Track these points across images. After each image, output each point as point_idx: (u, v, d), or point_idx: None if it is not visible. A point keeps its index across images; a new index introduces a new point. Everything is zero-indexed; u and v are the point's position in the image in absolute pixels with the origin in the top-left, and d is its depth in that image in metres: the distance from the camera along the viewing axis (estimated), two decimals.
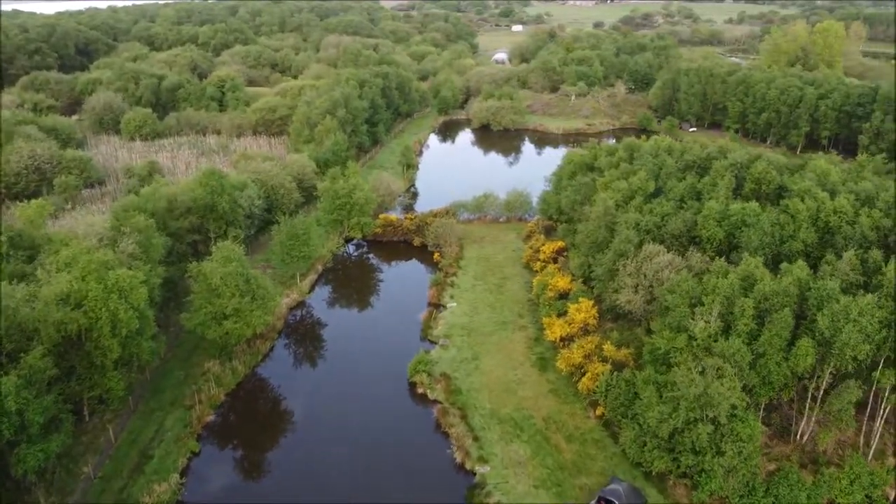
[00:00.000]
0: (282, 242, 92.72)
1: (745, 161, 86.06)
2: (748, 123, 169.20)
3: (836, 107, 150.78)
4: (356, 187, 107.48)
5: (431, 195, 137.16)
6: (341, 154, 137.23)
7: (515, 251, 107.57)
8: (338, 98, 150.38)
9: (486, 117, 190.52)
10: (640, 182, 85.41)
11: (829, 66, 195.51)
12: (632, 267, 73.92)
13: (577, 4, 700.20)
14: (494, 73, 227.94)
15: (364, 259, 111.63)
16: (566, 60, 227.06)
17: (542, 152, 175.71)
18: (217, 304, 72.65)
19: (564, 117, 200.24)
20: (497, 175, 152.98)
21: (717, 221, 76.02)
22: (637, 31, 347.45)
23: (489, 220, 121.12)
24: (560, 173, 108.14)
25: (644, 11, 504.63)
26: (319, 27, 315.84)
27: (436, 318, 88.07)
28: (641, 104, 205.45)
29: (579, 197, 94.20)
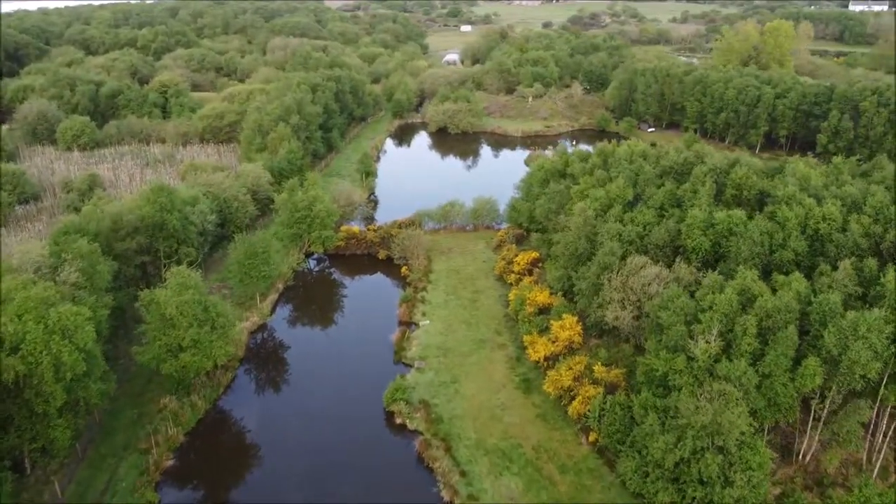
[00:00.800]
0: (239, 262, 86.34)
1: (724, 166, 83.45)
2: (706, 123, 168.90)
3: (793, 106, 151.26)
4: (316, 199, 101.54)
5: (393, 204, 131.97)
6: (297, 162, 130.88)
7: (486, 262, 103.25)
8: (290, 104, 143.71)
9: (444, 120, 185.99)
10: (619, 190, 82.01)
11: (780, 65, 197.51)
12: (617, 281, 70.29)
13: (523, 4, 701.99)
14: (448, 74, 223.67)
15: (327, 275, 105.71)
16: (521, 61, 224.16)
17: (502, 155, 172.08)
18: (173, 336, 66.23)
19: (522, 119, 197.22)
20: (459, 180, 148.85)
21: (702, 231, 73.07)
22: (587, 31, 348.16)
23: (456, 229, 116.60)
24: (530, 180, 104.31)
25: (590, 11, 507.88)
26: (265, 29, 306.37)
27: (409, 337, 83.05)
28: (598, 105, 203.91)
29: (553, 205, 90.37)
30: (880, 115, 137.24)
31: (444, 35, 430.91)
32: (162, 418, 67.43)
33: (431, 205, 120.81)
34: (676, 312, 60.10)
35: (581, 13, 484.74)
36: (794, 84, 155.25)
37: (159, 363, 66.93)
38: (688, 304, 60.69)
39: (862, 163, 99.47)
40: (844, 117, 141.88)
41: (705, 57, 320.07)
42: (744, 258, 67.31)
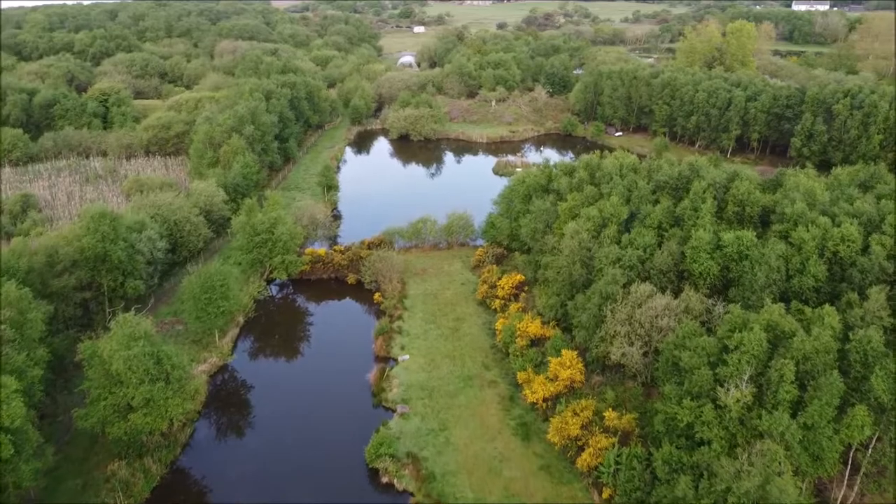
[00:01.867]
0: (195, 297, 77.03)
1: (724, 181, 77.81)
2: (676, 127, 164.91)
3: (765, 109, 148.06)
4: (277, 221, 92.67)
5: (359, 220, 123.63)
6: (252, 177, 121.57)
7: (465, 284, 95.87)
8: (243, 113, 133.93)
9: (405, 127, 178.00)
10: (613, 208, 75.59)
11: (742, 66, 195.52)
12: (623, 313, 63.75)
13: (474, 4, 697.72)
14: (407, 78, 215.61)
15: (292, 303, 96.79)
16: (482, 64, 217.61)
17: (469, 163, 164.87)
18: (120, 395, 57.14)
19: (486, 124, 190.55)
20: (425, 191, 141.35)
21: (709, 254, 67.16)
22: (542, 32, 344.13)
23: (429, 247, 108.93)
24: (509, 195, 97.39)
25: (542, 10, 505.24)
26: (212, 32, 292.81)
27: (388, 376, 75.08)
28: (563, 108, 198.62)
29: (540, 225, 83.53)
30: (854, 117, 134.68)
31: (397, 36, 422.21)
32: (110, 489, 58.17)
33: (399, 219, 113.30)
34: (698, 353, 53.71)
35: (534, 13, 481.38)
36: (765, 87, 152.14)
37: (105, 426, 57.75)
38: (709, 343, 54.36)
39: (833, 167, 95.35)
40: (818, 120, 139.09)
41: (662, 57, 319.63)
42: (760, 286, 61.48)
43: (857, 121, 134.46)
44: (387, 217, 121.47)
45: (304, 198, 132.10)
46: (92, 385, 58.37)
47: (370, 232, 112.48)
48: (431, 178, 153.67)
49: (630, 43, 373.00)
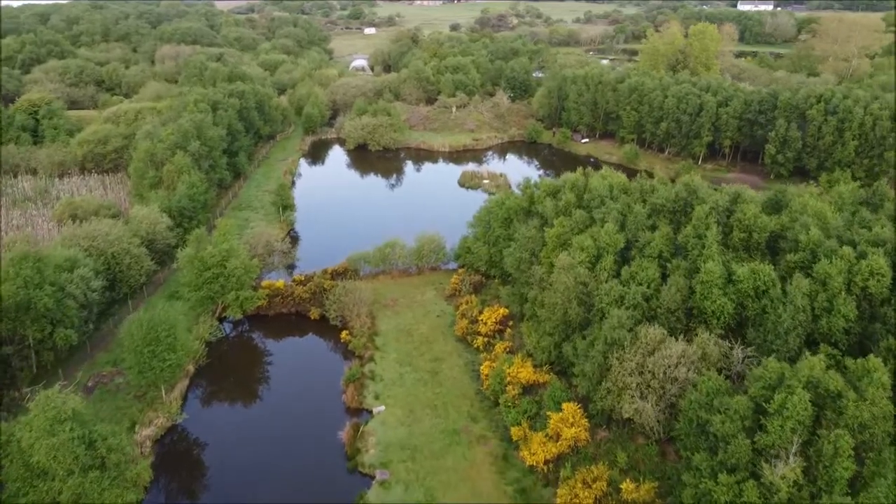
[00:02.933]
0: (136, 350, 66.71)
1: (726, 203, 71.15)
2: (645, 133, 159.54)
3: (736, 115, 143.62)
4: (230, 253, 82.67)
5: (319, 243, 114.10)
6: (200, 198, 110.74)
7: (441, 317, 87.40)
8: (188, 128, 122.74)
9: (363, 136, 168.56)
10: (609, 237, 68.19)
11: (706, 69, 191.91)
12: (632, 363, 56.28)
13: (424, 4, 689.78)
14: (362, 84, 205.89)
15: (249, 344, 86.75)
16: (440, 69, 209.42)
17: (432, 174, 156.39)
18: (44, 490, 47.01)
19: (448, 132, 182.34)
20: (389, 207, 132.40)
21: (722, 289, 60.28)
22: (497, 33, 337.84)
23: (398, 273, 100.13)
24: (487, 217, 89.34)
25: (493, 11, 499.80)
26: (152, 36, 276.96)
27: (362, 434, 66.17)
28: (526, 114, 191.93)
29: (525, 254, 75.68)
30: (828, 123, 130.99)
31: (348, 38, 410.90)
32: None
33: (362, 241, 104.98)
34: (731, 417, 46.50)
35: (485, 14, 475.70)
36: (736, 92, 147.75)
37: None
38: (742, 403, 47.20)
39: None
40: (791, 126, 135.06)
41: (618, 58, 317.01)
42: (785, 328, 54.73)
43: (831, 127, 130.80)
44: (348, 238, 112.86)
45: (258, 218, 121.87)
46: (8, 478, 48.11)
47: (331, 255, 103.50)
48: (393, 191, 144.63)
49: (585, 44, 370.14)
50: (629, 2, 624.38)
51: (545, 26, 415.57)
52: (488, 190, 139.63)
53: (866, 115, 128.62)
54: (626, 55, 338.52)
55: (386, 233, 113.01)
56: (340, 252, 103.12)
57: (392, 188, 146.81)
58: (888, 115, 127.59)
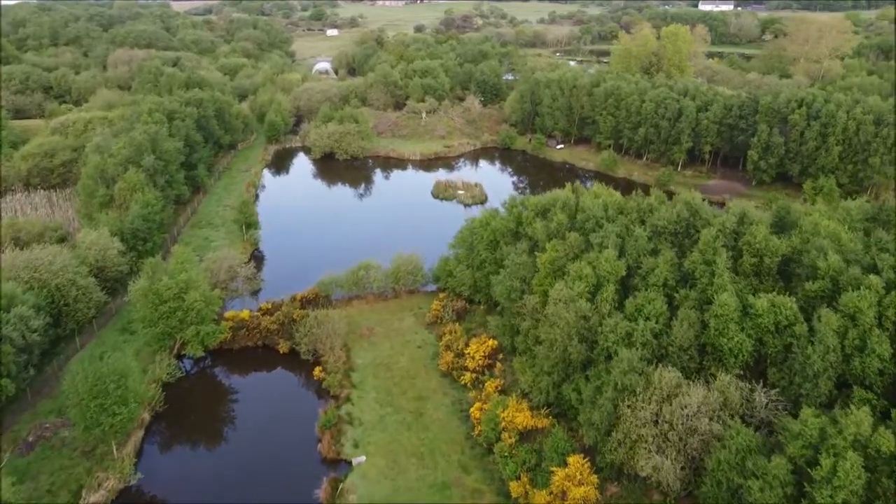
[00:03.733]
0: (82, 404, 58.64)
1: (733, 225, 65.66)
2: (622, 139, 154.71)
3: (717, 120, 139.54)
4: (189, 285, 74.75)
5: (286, 264, 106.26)
6: (155, 218, 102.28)
7: (422, 348, 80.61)
8: (141, 141, 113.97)
9: (329, 145, 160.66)
10: (609, 264, 62.16)
11: (680, 71, 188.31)
12: (647, 412, 50.27)
13: (386, 4, 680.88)
14: (327, 89, 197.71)
15: (211, 383, 78.79)
16: (408, 72, 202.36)
17: (404, 184, 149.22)
18: None
19: (418, 139, 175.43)
20: (359, 221, 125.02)
21: (738, 324, 54.68)
22: (463, 34, 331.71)
23: (372, 298, 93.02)
24: (470, 239, 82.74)
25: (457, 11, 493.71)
26: (104, 39, 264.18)
27: (341, 491, 59.12)
28: (498, 119, 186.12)
29: (516, 283, 69.33)
30: (811, 128, 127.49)
31: (310, 40, 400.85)
32: None
33: (332, 260, 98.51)
34: (770, 483, 40.70)
35: (449, 14, 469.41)
36: (715, 96, 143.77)
37: None
38: (781, 467, 41.44)
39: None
40: (774, 131, 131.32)
41: (586, 60, 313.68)
42: (816, 371, 49.25)
43: (814, 132, 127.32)
44: (318, 257, 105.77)
45: (219, 237, 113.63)
46: None
47: (300, 278, 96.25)
48: (364, 204, 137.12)
49: (551, 45, 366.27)
50: (592, 2, 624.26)
51: (510, 27, 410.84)
52: (464, 201, 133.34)
53: (849, 120, 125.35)
54: (594, 56, 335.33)
55: (357, 250, 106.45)
56: (310, 273, 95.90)
57: (362, 200, 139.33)
58: (871, 119, 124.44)
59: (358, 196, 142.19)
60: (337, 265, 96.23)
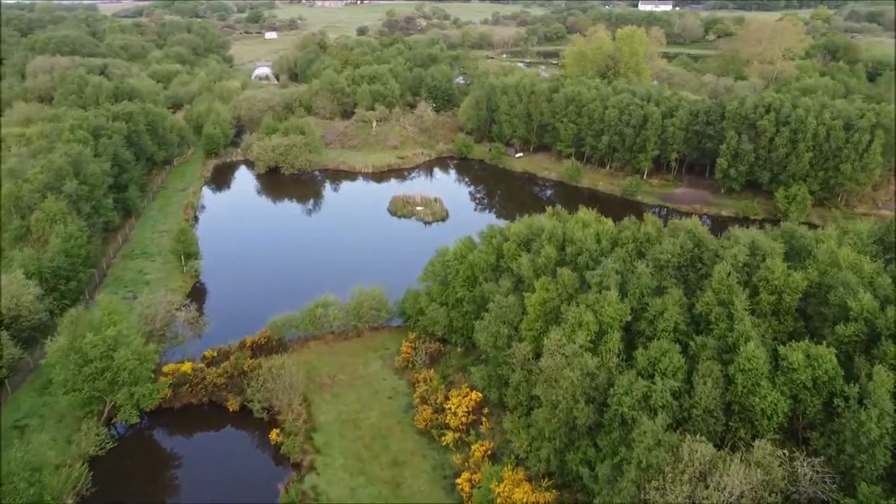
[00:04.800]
0: None
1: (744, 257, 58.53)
2: (585, 147, 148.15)
3: (683, 126, 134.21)
4: (119, 340, 63.64)
5: (231, 298, 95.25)
6: (79, 253, 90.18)
7: (393, 398, 71.30)
8: (62, 164, 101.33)
9: (275, 158, 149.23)
10: (613, 309, 54.21)
11: (637, 74, 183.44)
12: (679, 495, 42.35)
13: (325, 5, 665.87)
14: (269, 97, 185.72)
15: (148, 450, 67.57)
16: (355, 78, 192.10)
17: (357, 200, 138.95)
18: None
19: (369, 149, 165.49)
20: (312, 243, 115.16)
21: (770, 379, 47.43)
22: (408, 36, 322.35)
23: (332, 337, 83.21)
24: (443, 273, 73.76)
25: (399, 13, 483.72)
26: (22, 46, 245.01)
27: None
28: (453, 127, 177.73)
29: (504, 329, 60.80)
30: (781, 135, 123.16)
31: (248, 44, 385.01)
32: None
33: (284, 291, 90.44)
34: None
35: (391, 15, 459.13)
36: (680, 102, 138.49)
37: None
38: None
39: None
40: (743, 138, 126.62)
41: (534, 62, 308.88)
42: (871, 440, 42.20)
43: (784, 138, 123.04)
44: (267, 289, 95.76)
45: (155, 269, 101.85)
46: None
47: (249, 315, 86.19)
48: (315, 224, 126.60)
49: (498, 46, 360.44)
50: (534, 2, 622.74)
51: (455, 28, 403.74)
52: (423, 218, 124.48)
53: (819, 126, 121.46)
54: (542, 57, 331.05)
55: (311, 279, 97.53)
56: (260, 309, 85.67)
57: (313, 220, 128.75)
58: (840, 125, 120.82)
59: (308, 215, 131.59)
60: (289, 298, 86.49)
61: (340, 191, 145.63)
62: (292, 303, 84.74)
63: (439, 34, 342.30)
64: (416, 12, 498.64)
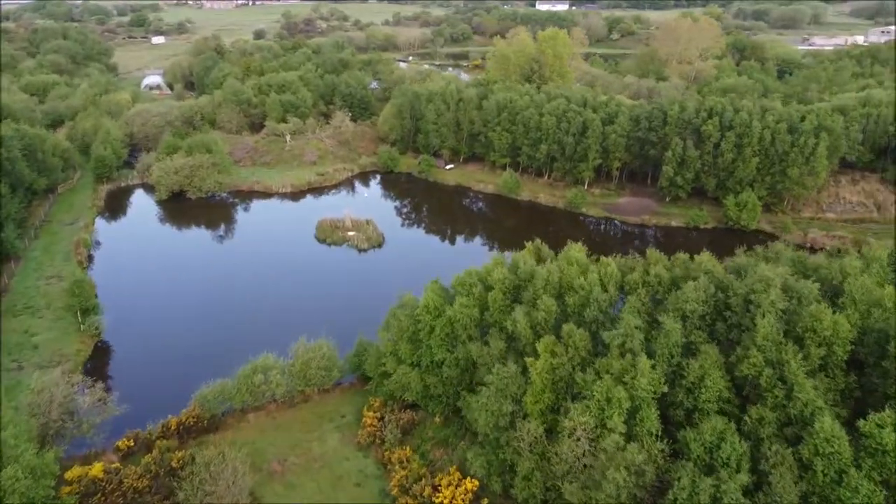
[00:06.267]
0: None
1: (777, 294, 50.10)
2: (521, 157, 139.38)
3: (624, 133, 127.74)
4: (4, 454, 48.26)
5: (144, 362, 79.28)
6: None
7: (362, 486, 58.76)
8: None
9: (178, 182, 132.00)
10: (648, 381, 44.36)
11: (561, 77, 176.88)
12: None
13: (214, 7, 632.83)
14: (166, 111, 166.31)
15: None
16: (262, 87, 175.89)
17: (278, 226, 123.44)
18: None
19: (285, 166, 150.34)
20: (233, 280, 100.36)
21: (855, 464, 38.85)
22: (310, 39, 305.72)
23: (275, 407, 69.76)
24: (412, 327, 61.73)
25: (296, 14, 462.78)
26: None
27: None
28: (374, 137, 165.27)
29: (507, 406, 49.78)
30: (727, 139, 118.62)
31: (132, 50, 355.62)
32: None
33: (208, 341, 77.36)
34: None
35: (287, 17, 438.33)
36: (619, 107, 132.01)
37: None
38: None
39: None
40: (688, 144, 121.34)
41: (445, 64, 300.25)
42: None
43: (730, 143, 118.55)
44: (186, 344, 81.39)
45: (43, 328, 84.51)
46: None
47: (169, 385, 72.16)
48: (233, 257, 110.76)
49: (404, 48, 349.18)
50: (433, 2, 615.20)
51: (357, 30, 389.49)
52: (357, 245, 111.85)
53: (764, 129, 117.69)
54: (451, 59, 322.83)
55: (238, 330, 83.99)
56: (181, 375, 71.89)
57: (231, 254, 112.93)
58: (785, 128, 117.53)
59: (225, 248, 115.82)
60: (216, 358, 73.62)
61: (258, 216, 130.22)
62: (221, 364, 71.11)
63: (343, 36, 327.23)
64: (314, 14, 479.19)
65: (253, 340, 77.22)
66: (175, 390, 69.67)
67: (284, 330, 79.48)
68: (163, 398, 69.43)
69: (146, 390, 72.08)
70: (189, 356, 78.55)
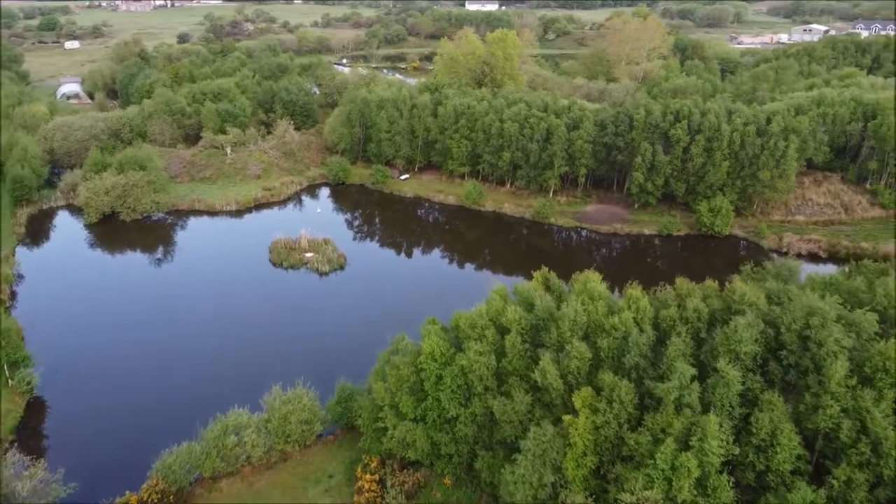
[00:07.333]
0: None
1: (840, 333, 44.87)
2: (481, 165, 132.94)
3: (591, 138, 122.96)
4: None
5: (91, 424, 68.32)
6: None
7: None
8: None
9: (110, 203, 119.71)
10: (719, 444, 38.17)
11: (512, 80, 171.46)
12: None
13: (131, 9, 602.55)
14: (90, 124, 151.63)
15: None
16: (196, 95, 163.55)
17: (226, 251, 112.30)
18: None
19: (227, 181, 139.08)
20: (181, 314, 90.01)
21: None
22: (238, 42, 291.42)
23: (250, 470, 60.71)
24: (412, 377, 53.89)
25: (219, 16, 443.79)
26: None
27: None
28: (320, 147, 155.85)
29: (549, 474, 42.74)
30: (697, 143, 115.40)
31: (44, 55, 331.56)
32: None
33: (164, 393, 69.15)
34: None
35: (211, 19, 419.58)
36: (583, 112, 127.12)
37: None
38: None
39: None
40: (657, 149, 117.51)
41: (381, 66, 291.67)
42: None
43: (700, 147, 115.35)
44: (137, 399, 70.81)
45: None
46: None
47: (122, 449, 62.17)
48: (180, 289, 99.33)
49: (338, 51, 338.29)
50: (360, 3, 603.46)
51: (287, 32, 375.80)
52: (318, 268, 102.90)
53: (734, 133, 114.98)
54: (388, 61, 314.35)
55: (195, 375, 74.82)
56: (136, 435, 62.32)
57: (176, 283, 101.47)
58: (753, 130, 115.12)
59: (168, 275, 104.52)
60: (172, 409, 64.49)
61: (203, 238, 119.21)
62: (180, 419, 62.19)
63: (274, 39, 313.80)
64: (239, 15, 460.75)
65: (215, 388, 68.57)
66: (131, 457, 60.00)
67: (251, 374, 70.92)
68: (116, 469, 59.60)
69: (95, 458, 61.88)
70: (140, 409, 68.41)
